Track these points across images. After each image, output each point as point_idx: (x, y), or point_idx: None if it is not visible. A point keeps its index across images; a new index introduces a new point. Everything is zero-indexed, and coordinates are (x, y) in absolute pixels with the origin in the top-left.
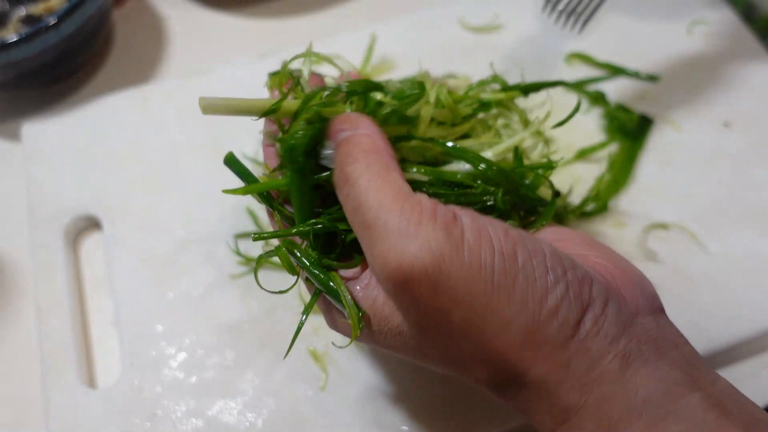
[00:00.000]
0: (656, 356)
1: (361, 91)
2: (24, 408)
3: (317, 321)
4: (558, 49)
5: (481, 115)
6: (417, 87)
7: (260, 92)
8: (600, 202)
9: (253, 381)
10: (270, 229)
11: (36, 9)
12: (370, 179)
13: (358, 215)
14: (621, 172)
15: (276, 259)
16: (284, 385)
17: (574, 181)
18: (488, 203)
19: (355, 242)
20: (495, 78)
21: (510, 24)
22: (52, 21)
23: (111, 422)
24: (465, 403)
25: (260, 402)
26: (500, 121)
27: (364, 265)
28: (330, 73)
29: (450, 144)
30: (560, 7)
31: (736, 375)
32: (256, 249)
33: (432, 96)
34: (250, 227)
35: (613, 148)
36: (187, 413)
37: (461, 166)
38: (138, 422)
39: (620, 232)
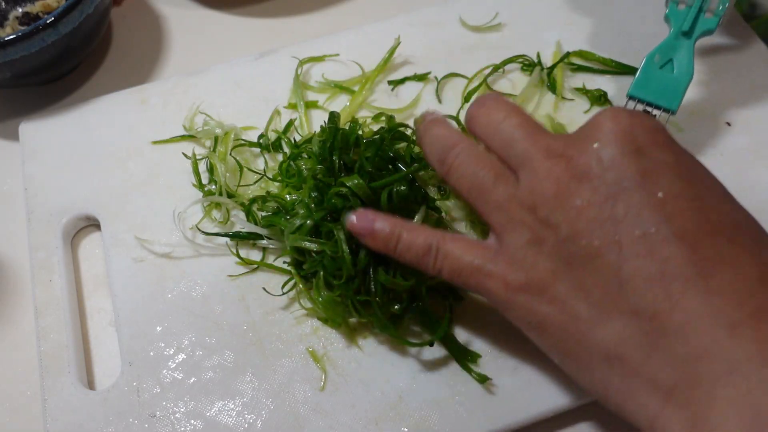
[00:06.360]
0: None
1: None
2: (22, 409)
3: (316, 321)
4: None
5: None
6: None
7: (259, 91)
8: None
9: (252, 382)
10: None
11: (33, 8)
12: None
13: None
14: None
15: (275, 261)
16: (283, 386)
17: None
18: None
19: None
20: None
21: (511, 22)
22: (50, 20)
23: (109, 423)
24: (466, 403)
25: (259, 403)
26: None
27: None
28: (331, 72)
29: None
30: None
31: None
32: (255, 253)
33: None
34: (250, 228)
35: None
36: (186, 414)
37: None
38: (137, 423)
39: None
